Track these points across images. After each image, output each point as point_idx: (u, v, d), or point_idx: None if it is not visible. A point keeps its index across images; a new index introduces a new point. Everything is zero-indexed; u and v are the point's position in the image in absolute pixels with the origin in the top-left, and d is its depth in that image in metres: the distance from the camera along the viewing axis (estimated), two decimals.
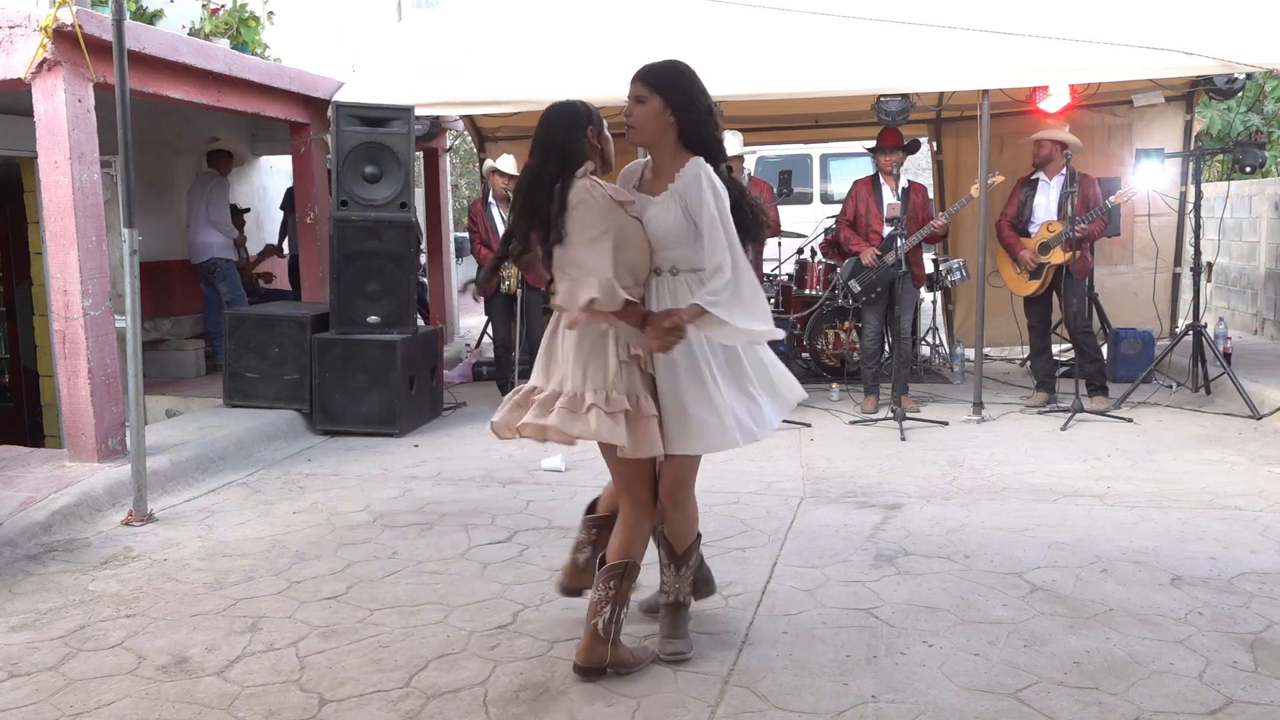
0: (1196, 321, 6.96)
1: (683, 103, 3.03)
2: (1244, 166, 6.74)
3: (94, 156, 5.35)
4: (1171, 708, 2.86)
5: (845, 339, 7.88)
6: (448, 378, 8.15)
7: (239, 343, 6.74)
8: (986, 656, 3.18)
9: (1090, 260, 6.96)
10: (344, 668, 3.21)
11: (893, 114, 6.63)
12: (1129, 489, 4.99)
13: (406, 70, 7.42)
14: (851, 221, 7.01)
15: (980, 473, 5.37)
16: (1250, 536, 4.24)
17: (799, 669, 3.13)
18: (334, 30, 10.82)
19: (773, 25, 6.76)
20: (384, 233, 6.63)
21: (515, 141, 8.91)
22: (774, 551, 4.18)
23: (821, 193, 13.15)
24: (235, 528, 4.68)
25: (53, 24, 4.99)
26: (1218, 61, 6.07)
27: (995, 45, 6.28)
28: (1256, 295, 10.01)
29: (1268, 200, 9.74)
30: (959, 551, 4.13)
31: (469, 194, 17.05)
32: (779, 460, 5.68)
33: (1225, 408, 6.66)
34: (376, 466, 5.78)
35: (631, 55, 6.82)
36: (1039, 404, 6.91)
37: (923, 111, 7.41)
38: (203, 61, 6.20)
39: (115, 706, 3.00)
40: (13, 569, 4.14)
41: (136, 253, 4.71)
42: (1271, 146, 11.44)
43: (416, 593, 3.82)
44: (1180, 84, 7.19)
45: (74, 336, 5.29)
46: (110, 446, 5.40)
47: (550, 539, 4.42)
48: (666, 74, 3.07)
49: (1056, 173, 6.80)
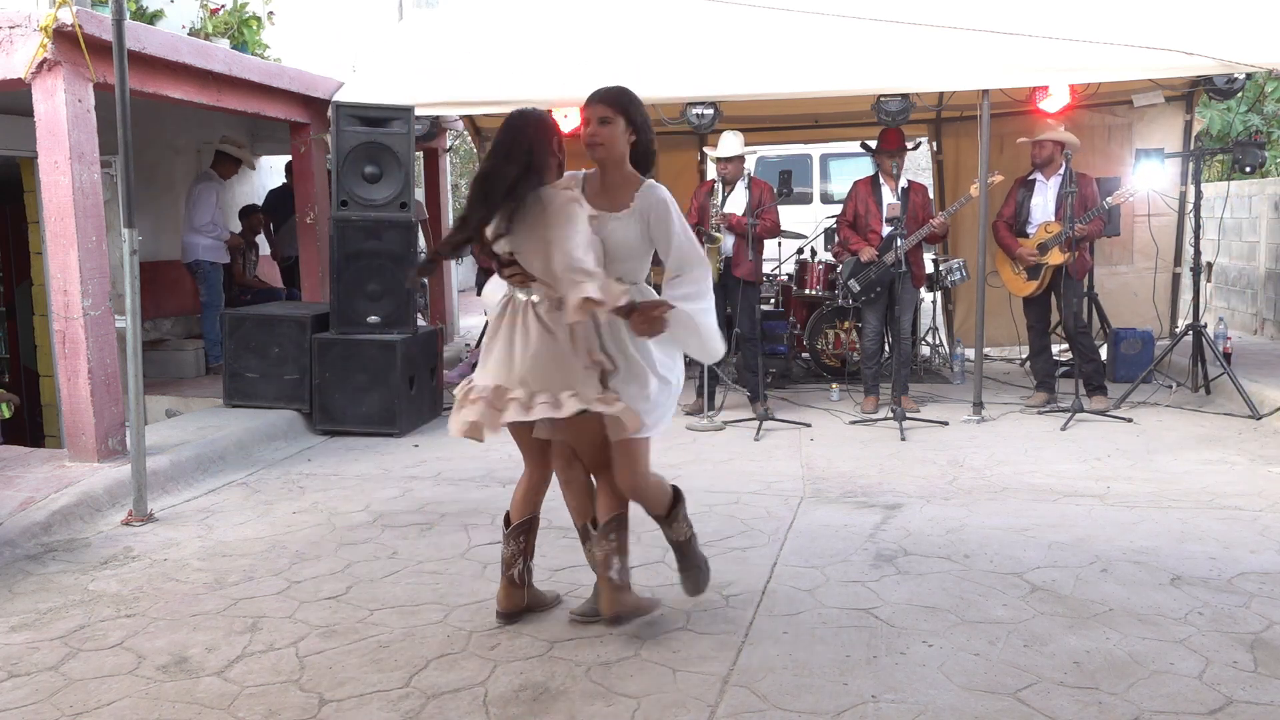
0: (1196, 321, 6.96)
1: (641, 123, 3.31)
2: (1244, 166, 6.74)
3: (94, 156, 5.35)
4: (1171, 708, 2.86)
5: (845, 339, 7.88)
6: (448, 378, 8.14)
7: (239, 343, 6.74)
8: (986, 656, 3.18)
9: (1089, 261, 6.96)
10: (344, 668, 3.21)
11: (893, 114, 6.63)
12: (1129, 489, 4.99)
13: (406, 70, 7.41)
14: (851, 222, 7.01)
15: (980, 473, 5.37)
16: (1250, 536, 4.24)
17: (799, 669, 3.13)
18: (334, 30, 10.83)
19: (773, 25, 6.76)
20: (384, 233, 6.63)
21: None
22: (774, 551, 4.18)
23: (821, 193, 13.15)
24: (235, 528, 4.68)
25: (53, 24, 4.99)
26: (1218, 61, 6.07)
27: (995, 45, 6.28)
28: (1256, 295, 10.01)
29: (1268, 200, 9.74)
30: (959, 551, 4.13)
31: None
32: (779, 460, 5.68)
33: (1225, 408, 6.66)
34: (376, 466, 5.78)
35: (631, 55, 6.92)
36: (1039, 404, 6.91)
37: (923, 111, 7.41)
38: (203, 61, 6.20)
39: (115, 706, 3.00)
40: (13, 569, 4.14)
41: (136, 253, 4.71)
42: (1271, 146, 11.45)
43: (416, 593, 3.82)
44: (1180, 84, 7.19)
45: (74, 336, 5.29)
46: (110, 446, 5.40)
47: (550, 539, 4.41)
48: (625, 96, 3.32)
49: (1054, 173, 6.80)
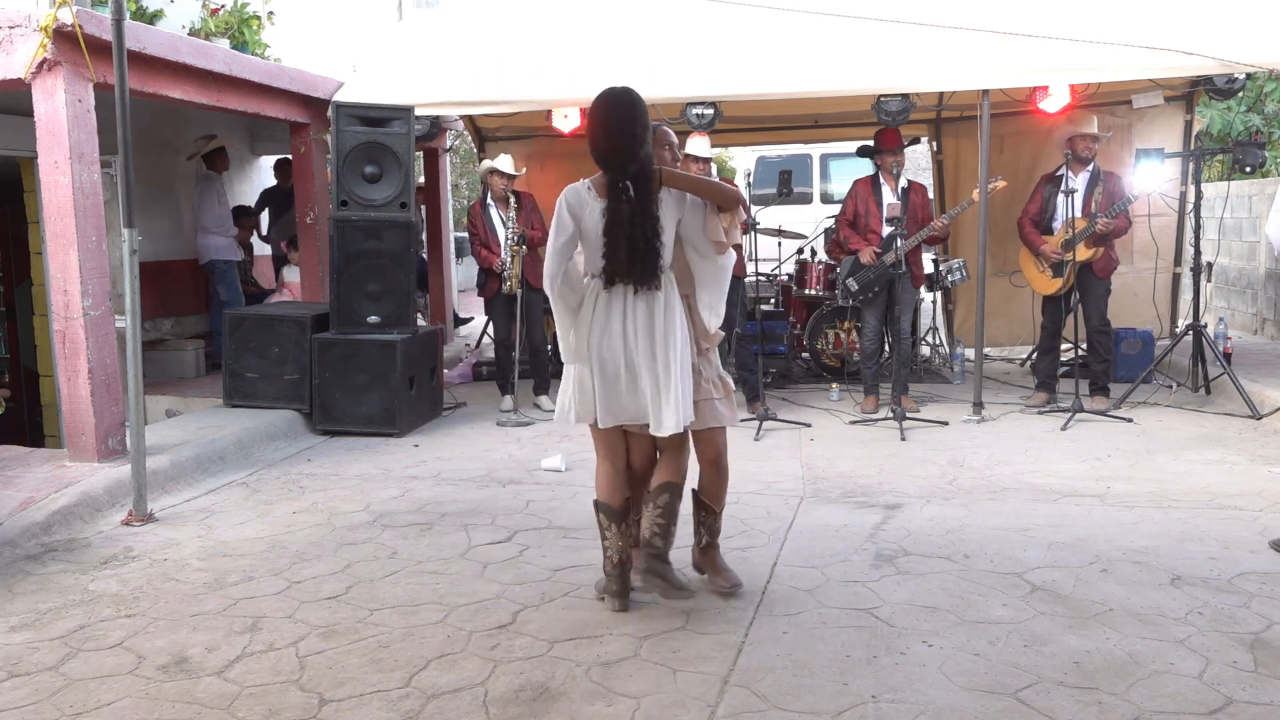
0: (1196, 321, 6.96)
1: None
2: (1244, 166, 6.73)
3: (94, 156, 5.35)
4: (1171, 708, 2.86)
5: (845, 339, 7.88)
6: (448, 378, 8.15)
7: (239, 343, 6.74)
8: (986, 656, 3.18)
9: (1115, 259, 6.85)
10: (344, 668, 3.21)
11: (893, 114, 6.63)
12: (1129, 489, 4.99)
13: (406, 70, 7.42)
14: (851, 221, 7.01)
15: (980, 473, 5.37)
16: (1250, 536, 4.24)
17: (799, 669, 3.13)
18: (334, 30, 10.83)
19: (773, 25, 6.76)
20: (384, 233, 6.63)
21: (515, 141, 8.91)
22: (774, 551, 4.18)
23: (821, 193, 13.17)
24: (235, 528, 4.68)
25: (53, 24, 4.99)
26: (1218, 61, 6.07)
27: (995, 45, 6.28)
28: (1256, 295, 10.01)
29: (1268, 200, 9.73)
30: (959, 551, 4.13)
31: (469, 194, 17.04)
32: (779, 460, 5.68)
33: (1225, 408, 6.66)
34: (376, 466, 5.78)
35: (632, 55, 6.92)
36: (1039, 404, 6.91)
37: (923, 111, 7.41)
38: (203, 61, 6.21)
39: (115, 706, 3.00)
40: (13, 569, 4.14)
41: (136, 253, 4.71)
42: (1271, 146, 11.45)
43: (416, 593, 3.82)
44: (1180, 84, 7.18)
45: (74, 336, 5.29)
46: (110, 446, 5.40)
47: (550, 539, 4.42)
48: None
49: (1081, 169, 6.76)
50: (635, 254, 3.38)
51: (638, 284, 3.42)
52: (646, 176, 3.41)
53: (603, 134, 3.42)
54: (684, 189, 3.52)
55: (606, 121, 3.43)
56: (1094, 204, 6.50)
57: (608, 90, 3.47)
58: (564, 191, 3.48)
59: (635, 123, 3.40)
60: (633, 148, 3.38)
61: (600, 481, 3.65)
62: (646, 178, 3.41)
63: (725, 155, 19.34)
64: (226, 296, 8.51)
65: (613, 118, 3.42)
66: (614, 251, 3.39)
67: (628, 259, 3.39)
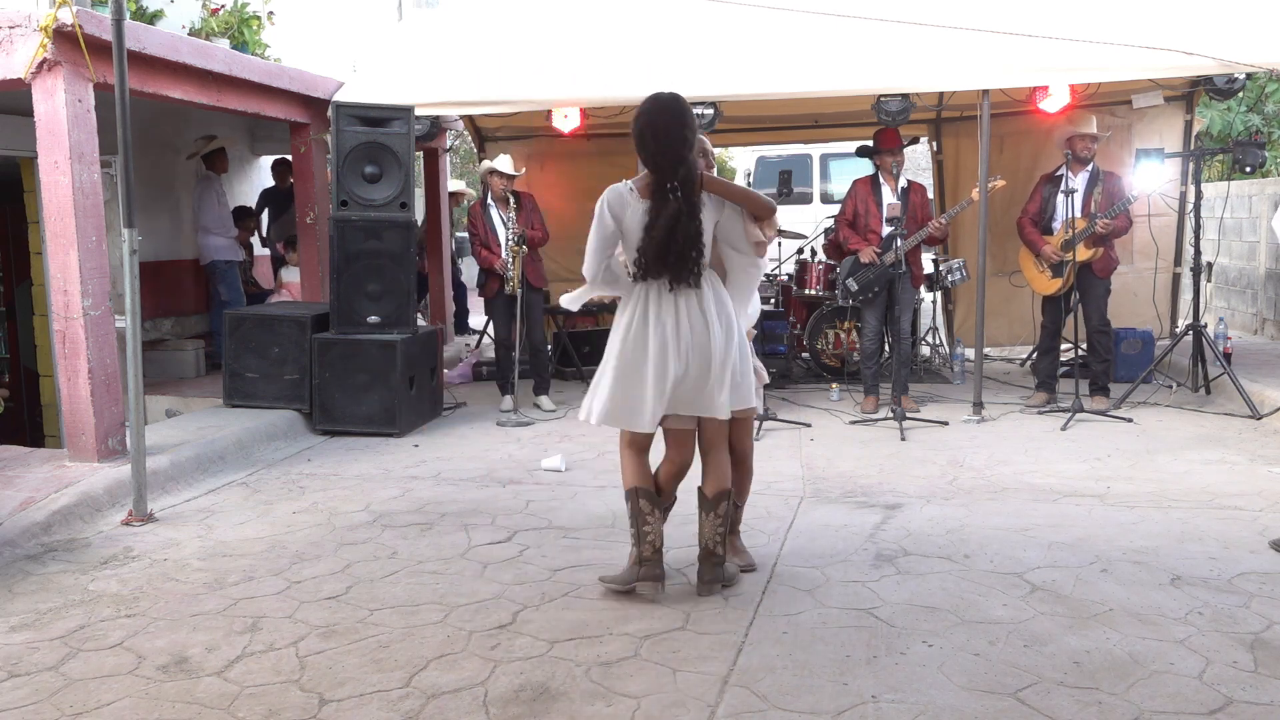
0: (1196, 321, 6.96)
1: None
2: (1244, 166, 6.73)
3: (94, 156, 5.35)
4: (1171, 708, 2.86)
5: (845, 339, 7.88)
6: (448, 378, 8.15)
7: (239, 343, 6.74)
8: (986, 656, 3.18)
9: (1116, 259, 6.85)
10: (344, 668, 3.21)
11: (893, 114, 6.63)
12: (1129, 489, 4.99)
13: (406, 70, 7.42)
14: (851, 221, 7.01)
15: (980, 473, 5.37)
16: (1250, 536, 4.24)
17: (799, 669, 3.13)
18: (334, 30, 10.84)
19: (773, 25, 6.76)
20: (384, 233, 6.63)
21: (515, 141, 8.91)
22: (774, 551, 4.18)
23: (821, 193, 13.17)
24: (235, 528, 4.68)
25: (53, 24, 4.99)
26: (1218, 61, 6.07)
27: (995, 45, 6.28)
28: (1256, 295, 10.01)
29: (1268, 200, 9.74)
30: (959, 551, 4.13)
31: (469, 195, 17.00)
32: (779, 460, 5.68)
33: (1225, 408, 6.66)
34: (376, 466, 5.78)
35: (631, 55, 6.92)
36: (1039, 404, 6.91)
37: (923, 111, 7.41)
38: (203, 61, 6.20)
39: (115, 706, 3.00)
40: (13, 569, 4.14)
41: (136, 253, 4.71)
42: (1271, 146, 11.45)
43: (416, 593, 3.82)
44: (1180, 84, 7.18)
45: (74, 336, 5.29)
46: (110, 446, 5.39)
47: (550, 539, 4.42)
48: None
49: (1081, 169, 6.76)
50: (680, 253, 3.50)
51: (679, 281, 3.53)
52: (692, 179, 3.52)
53: (653, 137, 3.51)
54: (722, 195, 3.64)
55: (656, 125, 3.51)
56: (1094, 204, 6.51)
57: (657, 95, 3.56)
58: (605, 193, 3.59)
59: (685, 127, 3.52)
60: (681, 151, 3.49)
61: (628, 470, 3.72)
62: (692, 180, 3.52)
63: (725, 155, 19.33)
64: (228, 297, 8.54)
65: (663, 122, 3.52)
66: (661, 250, 3.50)
67: (673, 257, 3.50)
